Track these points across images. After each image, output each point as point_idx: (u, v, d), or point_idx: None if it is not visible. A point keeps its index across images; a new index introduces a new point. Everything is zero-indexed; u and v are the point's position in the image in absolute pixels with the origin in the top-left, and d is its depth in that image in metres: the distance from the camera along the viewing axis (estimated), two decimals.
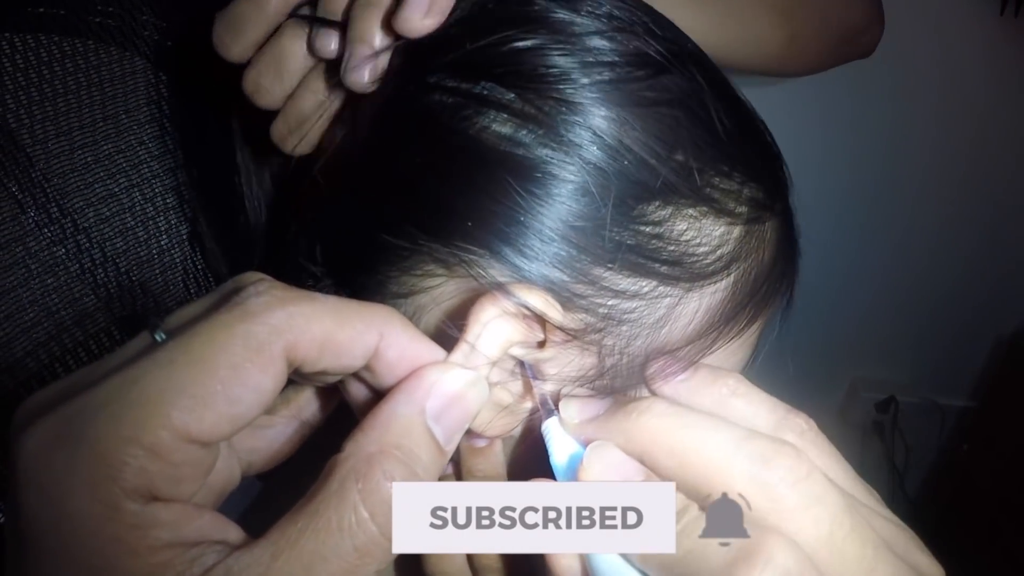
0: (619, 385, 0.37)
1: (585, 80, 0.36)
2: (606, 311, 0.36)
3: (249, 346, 0.26)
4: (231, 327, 0.27)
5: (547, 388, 0.36)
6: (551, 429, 0.33)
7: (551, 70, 0.36)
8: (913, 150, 1.45)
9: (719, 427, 0.29)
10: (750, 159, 0.39)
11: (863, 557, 0.27)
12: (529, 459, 0.39)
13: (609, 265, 0.35)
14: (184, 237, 0.56)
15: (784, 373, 0.45)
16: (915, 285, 1.58)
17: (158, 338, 0.28)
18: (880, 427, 1.67)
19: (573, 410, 0.33)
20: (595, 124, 0.35)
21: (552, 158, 0.35)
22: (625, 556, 0.29)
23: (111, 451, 0.25)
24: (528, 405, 0.37)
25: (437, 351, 0.32)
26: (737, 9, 0.60)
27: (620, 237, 0.35)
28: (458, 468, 0.38)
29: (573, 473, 0.31)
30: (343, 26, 0.40)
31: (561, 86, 0.36)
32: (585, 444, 0.32)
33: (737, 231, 0.38)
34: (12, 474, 0.26)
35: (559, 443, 0.33)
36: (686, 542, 0.27)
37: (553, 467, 0.33)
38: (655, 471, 0.30)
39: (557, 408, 0.34)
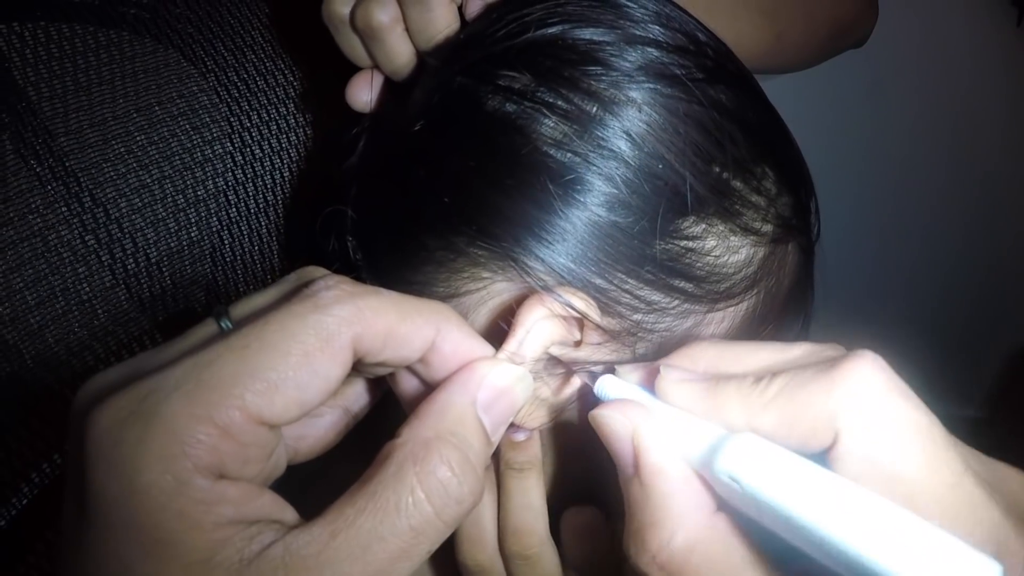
0: None
1: (632, 84, 0.37)
2: (639, 318, 0.37)
3: (320, 336, 0.27)
4: (304, 317, 0.28)
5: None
6: (608, 382, 0.34)
7: (601, 69, 0.37)
8: (930, 158, 1.45)
9: (772, 343, 0.31)
10: (782, 178, 0.40)
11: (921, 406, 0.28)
12: (571, 451, 0.40)
13: (643, 277, 0.36)
14: (214, 229, 0.57)
15: None
16: (925, 293, 1.58)
17: (224, 326, 0.29)
18: None
19: (629, 367, 0.34)
20: (635, 131, 0.36)
21: (593, 168, 0.36)
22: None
23: (185, 428, 0.25)
24: (563, 398, 0.38)
25: (487, 347, 0.33)
26: (718, 10, 0.60)
27: (655, 251, 0.36)
28: (496, 462, 0.39)
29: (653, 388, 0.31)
30: None
31: (609, 88, 0.36)
32: (647, 384, 0.32)
33: (762, 252, 0.39)
34: (79, 449, 0.26)
35: (620, 388, 0.33)
36: (780, 378, 0.28)
37: None
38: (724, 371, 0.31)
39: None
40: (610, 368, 0.34)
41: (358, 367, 0.31)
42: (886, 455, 0.26)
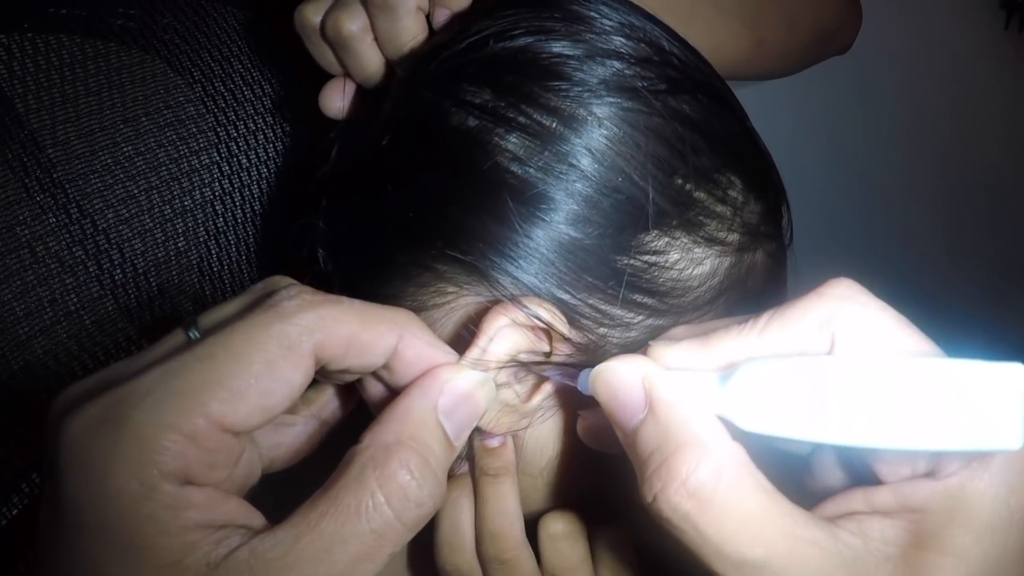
0: None
1: (593, 98, 0.37)
2: (604, 332, 0.37)
3: (282, 344, 0.28)
4: (267, 327, 0.28)
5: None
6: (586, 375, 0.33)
7: (562, 84, 0.37)
8: (920, 161, 1.45)
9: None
10: (750, 185, 0.40)
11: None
12: (550, 457, 0.40)
13: (606, 293, 0.37)
14: (201, 240, 0.57)
15: None
16: (915, 296, 1.59)
17: (192, 335, 0.30)
18: None
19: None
20: (595, 146, 0.36)
21: (554, 183, 0.36)
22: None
23: (152, 436, 0.26)
24: (534, 403, 0.38)
25: (451, 353, 0.34)
26: (698, 18, 0.60)
27: (617, 267, 0.37)
28: (474, 467, 0.39)
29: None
30: None
31: (569, 103, 0.36)
32: None
33: (727, 262, 0.39)
34: (53, 456, 0.27)
35: None
36: (767, 313, 0.30)
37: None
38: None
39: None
40: (589, 365, 0.35)
41: (324, 374, 0.32)
42: (884, 341, 0.28)
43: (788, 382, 0.27)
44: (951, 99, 1.39)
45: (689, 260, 0.38)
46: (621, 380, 0.30)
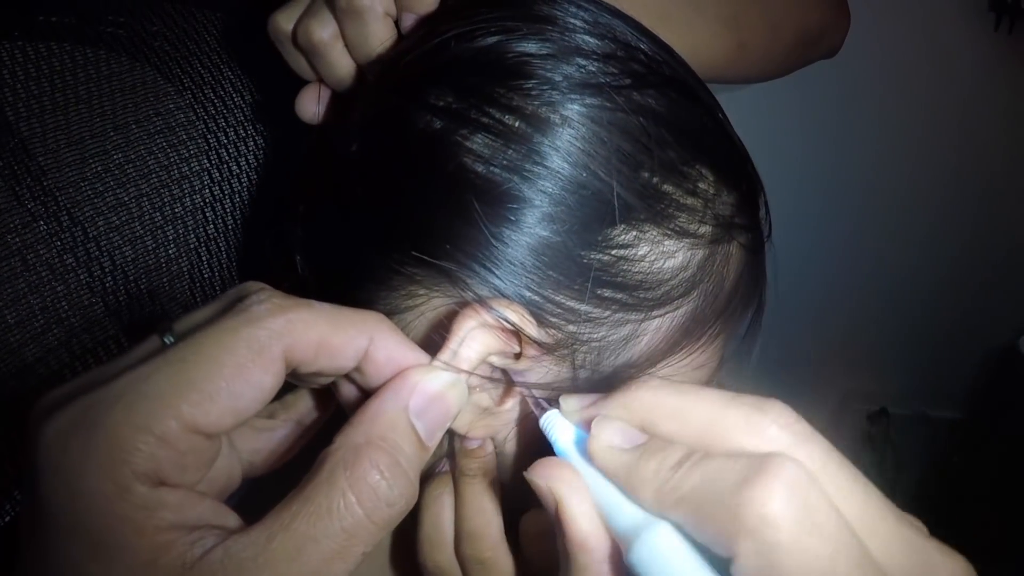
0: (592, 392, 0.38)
1: (556, 96, 0.37)
2: (574, 329, 0.37)
3: (252, 348, 0.29)
4: (237, 331, 0.29)
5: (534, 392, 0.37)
6: (552, 421, 0.34)
7: (525, 83, 0.37)
8: (905, 161, 1.46)
9: (711, 391, 0.30)
10: (721, 177, 0.40)
11: (855, 490, 0.27)
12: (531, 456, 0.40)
13: (574, 290, 0.37)
14: (192, 247, 0.57)
15: (775, 384, 0.46)
16: (907, 297, 1.60)
17: (167, 341, 0.30)
18: (871, 438, 1.68)
19: (573, 401, 0.34)
20: (560, 144, 0.36)
21: (519, 182, 0.36)
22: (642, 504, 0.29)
23: (125, 438, 0.27)
24: (508, 407, 0.38)
25: (422, 355, 0.34)
26: (675, 19, 0.59)
27: (586, 262, 0.37)
28: (455, 466, 0.40)
29: (582, 450, 0.31)
30: None
31: (532, 102, 0.37)
32: (586, 428, 0.32)
33: (700, 254, 0.39)
34: (32, 459, 0.28)
35: (562, 432, 0.33)
36: (695, 476, 0.27)
37: (559, 453, 0.33)
38: (657, 435, 0.30)
39: (550, 406, 0.35)
40: (555, 398, 0.34)
41: (297, 377, 0.32)
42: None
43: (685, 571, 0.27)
44: (941, 100, 1.40)
45: (659, 253, 0.38)
46: (543, 496, 0.31)
